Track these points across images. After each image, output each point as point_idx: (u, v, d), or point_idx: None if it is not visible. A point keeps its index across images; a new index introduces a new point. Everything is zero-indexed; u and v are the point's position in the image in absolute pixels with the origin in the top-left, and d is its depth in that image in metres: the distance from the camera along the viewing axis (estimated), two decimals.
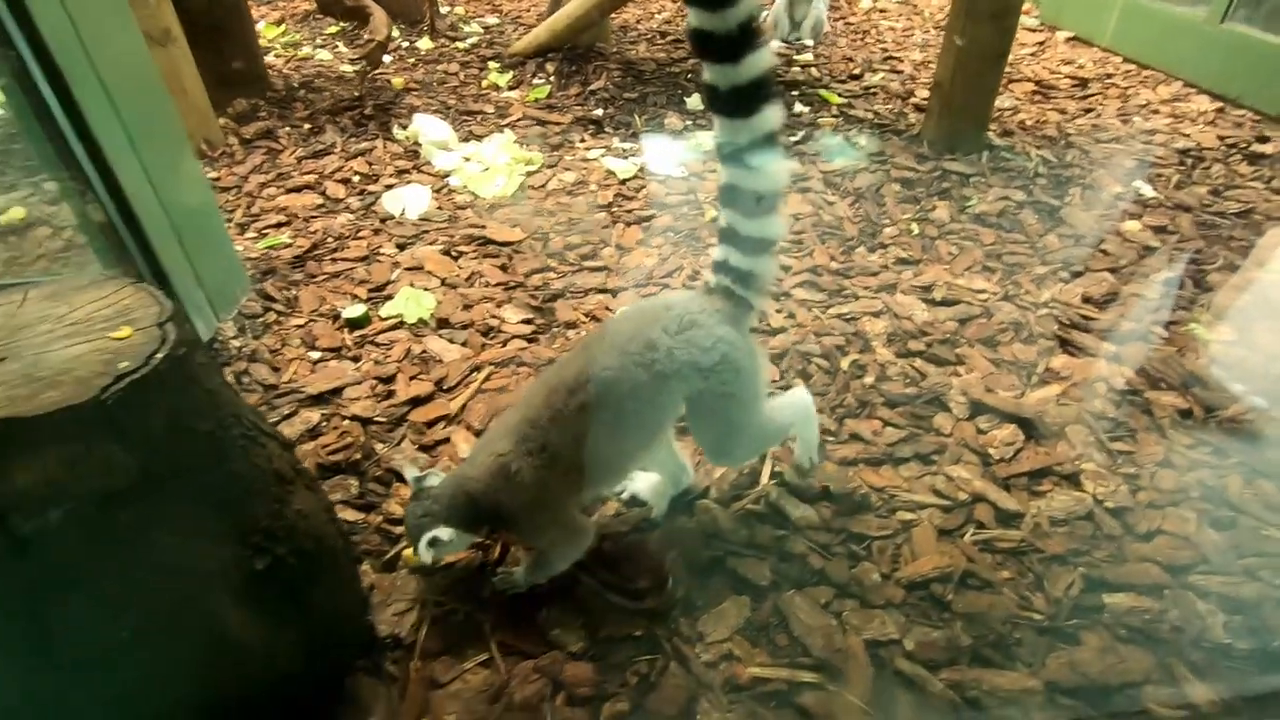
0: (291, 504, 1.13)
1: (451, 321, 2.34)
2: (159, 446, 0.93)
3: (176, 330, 0.97)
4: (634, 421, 1.34)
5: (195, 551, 0.99)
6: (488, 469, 1.31)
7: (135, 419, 0.90)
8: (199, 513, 1.00)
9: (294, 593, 1.13)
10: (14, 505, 0.85)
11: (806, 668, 1.31)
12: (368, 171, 3.38)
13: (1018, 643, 1.36)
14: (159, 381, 0.92)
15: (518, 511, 1.32)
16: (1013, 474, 1.74)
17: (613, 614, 1.41)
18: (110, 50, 1.82)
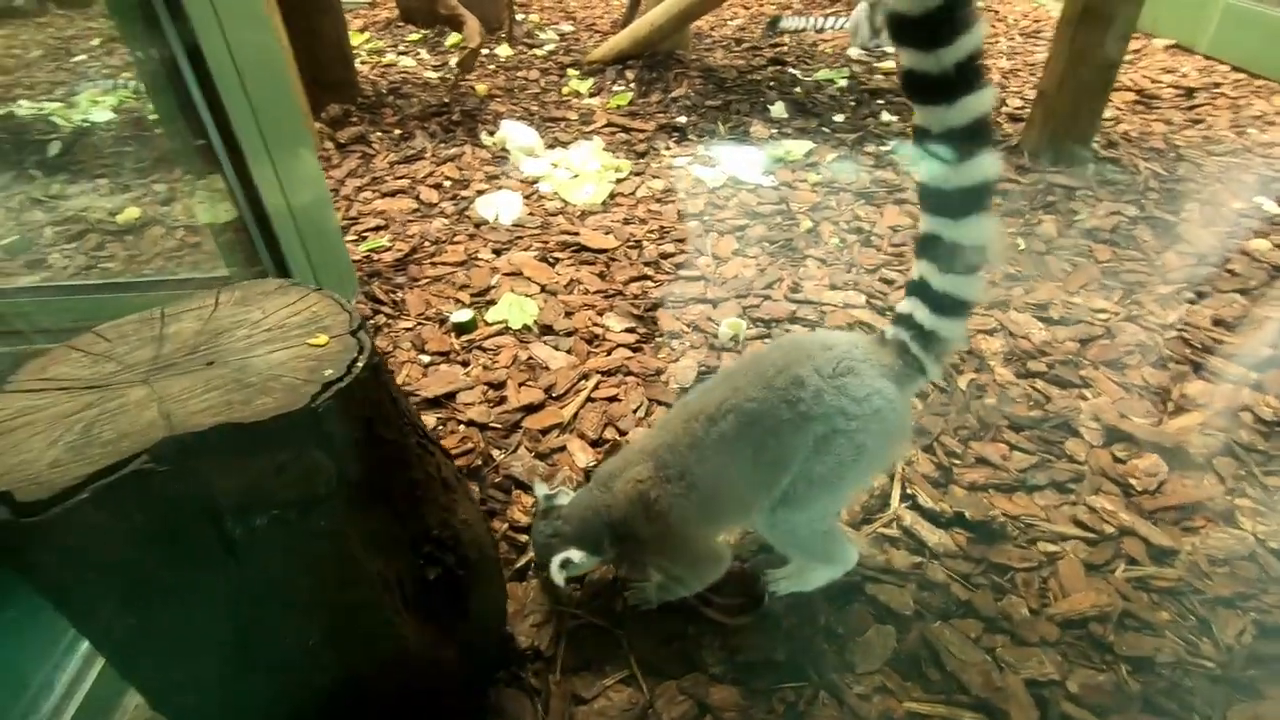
0: (457, 513, 1.13)
1: (555, 328, 2.34)
2: (354, 454, 0.93)
3: (368, 338, 0.97)
4: (769, 458, 1.23)
5: (378, 560, 1.00)
6: (624, 494, 1.27)
7: (338, 426, 0.90)
8: (382, 521, 1.00)
9: (457, 603, 1.13)
10: (227, 509, 0.85)
11: (966, 706, 1.25)
12: (458, 177, 3.43)
13: (1190, 691, 1.27)
14: (359, 389, 0.92)
15: (652, 538, 1.29)
16: (1159, 507, 1.65)
17: (751, 636, 1.38)
18: (251, 52, 1.88)
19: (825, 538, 1.33)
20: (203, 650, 0.93)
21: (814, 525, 1.29)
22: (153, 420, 0.84)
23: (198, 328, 1.01)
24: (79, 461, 0.79)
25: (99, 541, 0.79)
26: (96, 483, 0.77)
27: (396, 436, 1.01)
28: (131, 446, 0.80)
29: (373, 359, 0.95)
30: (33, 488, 0.76)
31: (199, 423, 0.83)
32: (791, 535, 1.30)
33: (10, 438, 0.83)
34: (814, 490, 1.23)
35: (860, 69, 4.67)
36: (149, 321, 1.03)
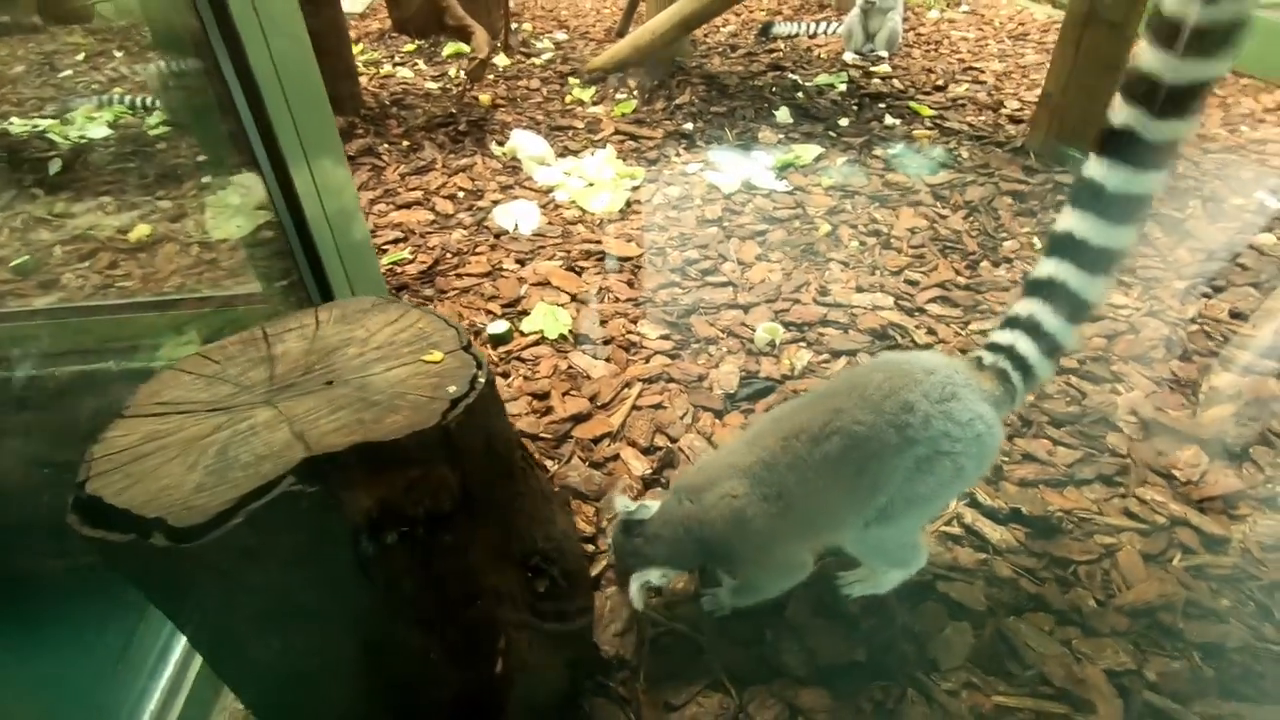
0: (557, 525, 1.14)
1: (591, 337, 2.35)
2: (476, 469, 0.94)
3: (480, 354, 0.98)
4: (870, 480, 1.24)
5: (495, 575, 1.00)
6: (717, 511, 1.26)
7: (463, 442, 0.91)
8: (496, 536, 1.01)
9: (562, 614, 1.13)
10: (361, 528, 0.86)
11: (1050, 698, 1.28)
12: (471, 187, 3.42)
13: (1261, 675, 1.31)
14: (481, 405, 0.92)
15: (743, 553, 1.30)
16: (1205, 496, 1.70)
17: (830, 639, 1.39)
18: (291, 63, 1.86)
19: (903, 549, 1.35)
20: (333, 671, 0.92)
21: (903, 539, 1.32)
22: (288, 441, 0.84)
23: (305, 347, 1.01)
24: (224, 485, 0.79)
25: (248, 565, 0.79)
26: (250, 505, 0.76)
27: (505, 451, 1.02)
28: (273, 469, 0.80)
29: (489, 374, 0.96)
30: (184, 513, 0.76)
31: (334, 443, 0.83)
32: (880, 548, 1.32)
33: (146, 463, 0.82)
34: (910, 508, 1.25)
35: (857, 73, 4.74)
36: (253, 342, 1.02)
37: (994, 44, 5.37)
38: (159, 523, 0.75)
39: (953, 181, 3.28)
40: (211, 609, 0.82)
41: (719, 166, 3.52)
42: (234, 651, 0.88)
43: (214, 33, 1.64)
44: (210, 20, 1.61)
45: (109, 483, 0.80)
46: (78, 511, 0.78)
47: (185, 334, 2.52)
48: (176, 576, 0.79)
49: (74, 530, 0.77)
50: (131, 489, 0.79)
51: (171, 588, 0.82)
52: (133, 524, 0.76)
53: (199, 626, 0.85)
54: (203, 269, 2.91)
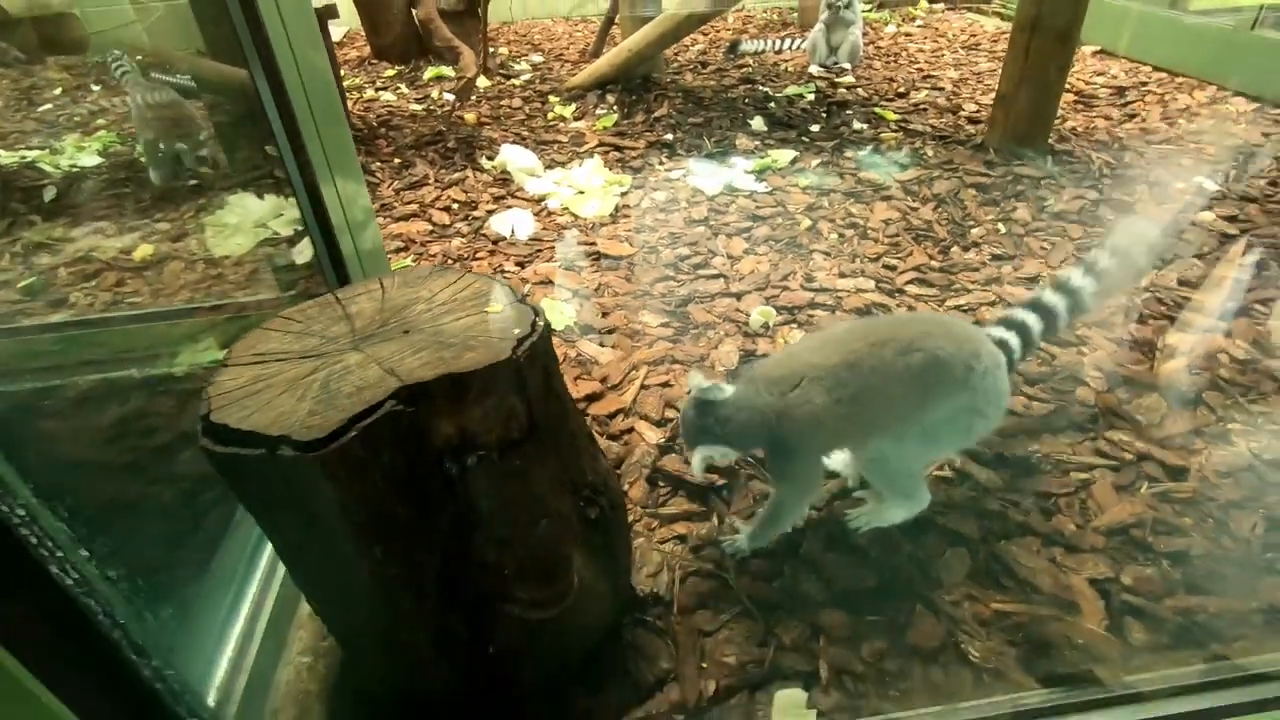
0: (600, 462, 1.27)
1: (595, 328, 2.49)
2: (538, 401, 1.07)
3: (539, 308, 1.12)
4: (922, 402, 1.41)
5: (556, 500, 1.13)
6: (797, 405, 1.36)
7: (530, 376, 1.04)
8: (554, 465, 1.14)
9: (609, 544, 1.26)
10: (445, 451, 0.98)
11: (1040, 604, 1.43)
12: (464, 199, 3.56)
13: (1223, 576, 1.48)
14: (542, 344, 1.06)
15: (795, 446, 1.39)
16: (1166, 435, 1.88)
17: (844, 569, 1.54)
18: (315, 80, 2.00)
19: (911, 478, 1.51)
20: (418, 586, 1.04)
21: (909, 464, 1.48)
22: (381, 376, 0.97)
23: (377, 306, 1.14)
24: (333, 410, 0.91)
25: (358, 476, 0.91)
26: (361, 422, 0.89)
27: (561, 391, 1.15)
28: (373, 395, 0.93)
29: (545, 321, 1.10)
30: (305, 430, 0.88)
31: (424, 375, 0.96)
32: (884, 466, 1.47)
33: (259, 398, 0.95)
34: (927, 440, 1.46)
35: (824, 84, 5.00)
36: (328, 305, 1.15)
37: (949, 54, 5.69)
38: (284, 439, 0.87)
39: (920, 177, 3.50)
40: (322, 517, 0.94)
41: (701, 172, 3.71)
42: (330, 563, 1.00)
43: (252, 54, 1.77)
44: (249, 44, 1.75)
45: (230, 413, 0.92)
46: (208, 435, 0.90)
47: (202, 341, 2.61)
48: (296, 486, 0.90)
49: (207, 450, 0.89)
50: (252, 416, 0.91)
51: (286, 499, 0.93)
52: (259, 442, 0.88)
53: (303, 537, 0.96)
54: (210, 283, 3.00)
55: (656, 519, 1.69)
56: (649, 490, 1.78)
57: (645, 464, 1.84)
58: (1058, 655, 1.33)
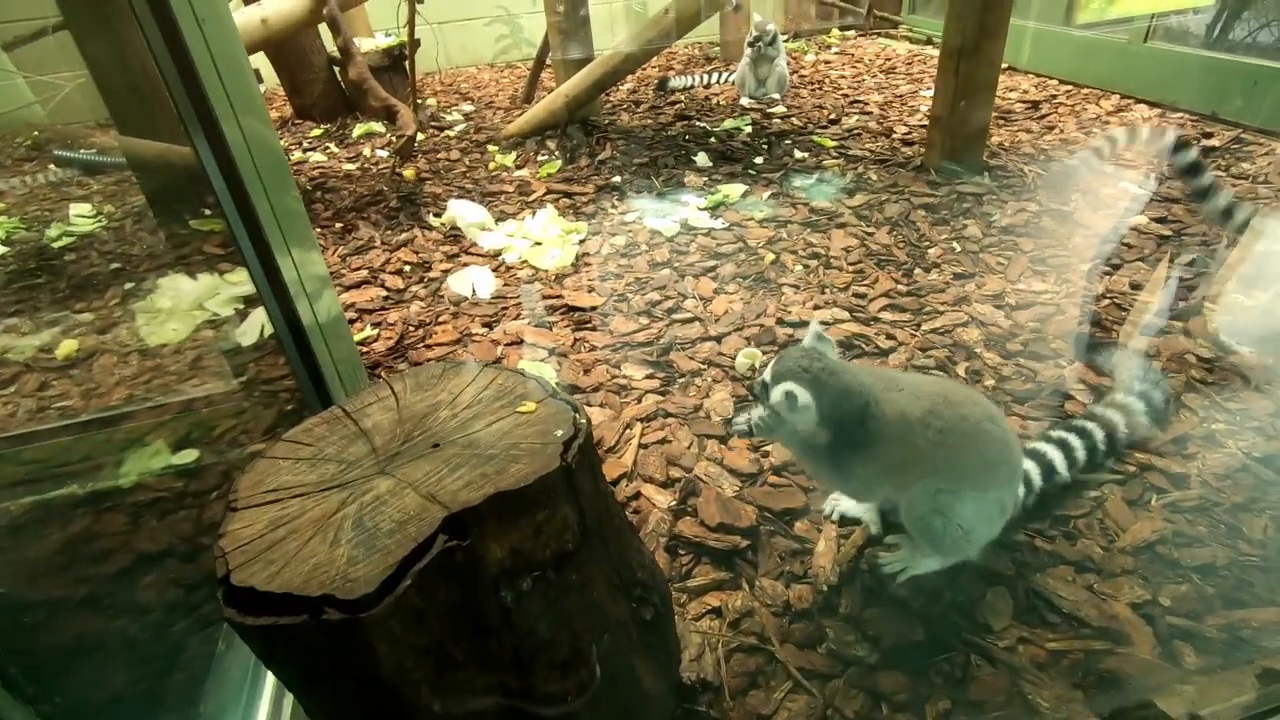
0: (645, 554, 1.18)
1: (580, 387, 2.40)
2: (590, 506, 0.98)
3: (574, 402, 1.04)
4: (981, 474, 1.45)
5: (614, 607, 1.03)
6: (893, 408, 1.36)
7: (580, 480, 0.95)
8: (607, 567, 1.05)
9: (664, 639, 1.17)
10: (500, 576, 0.88)
11: (1092, 637, 1.41)
12: (416, 260, 3.43)
13: (1250, 584, 1.50)
14: (587, 443, 0.98)
15: (872, 438, 1.36)
16: (1161, 444, 1.93)
17: (887, 624, 1.48)
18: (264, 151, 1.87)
19: (949, 536, 1.47)
20: None
21: (950, 521, 1.45)
22: (421, 504, 0.86)
23: (394, 418, 1.03)
24: (376, 554, 0.80)
25: (416, 627, 0.80)
26: (413, 566, 0.78)
27: (605, 486, 1.07)
28: (419, 530, 0.83)
29: (585, 416, 1.01)
30: (349, 585, 0.77)
31: (470, 498, 0.86)
32: (928, 519, 1.44)
33: (283, 548, 0.83)
34: (970, 507, 1.46)
35: (758, 115, 5.11)
36: (336, 421, 1.04)
37: (869, 79, 5.92)
38: (327, 599, 0.76)
39: (870, 202, 3.58)
40: (374, 679, 0.82)
41: (655, 212, 3.70)
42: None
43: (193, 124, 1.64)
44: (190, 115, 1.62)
45: (253, 572, 0.80)
46: (231, 605, 0.78)
47: (150, 445, 2.39)
48: (345, 651, 0.79)
49: (234, 623, 0.76)
50: (282, 573, 0.79)
51: (331, 666, 0.81)
52: (297, 606, 0.76)
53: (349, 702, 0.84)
54: (149, 377, 2.76)
55: (685, 592, 1.60)
56: (670, 560, 1.69)
57: (661, 532, 1.76)
58: (1121, 690, 1.31)
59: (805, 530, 1.75)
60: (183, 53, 1.53)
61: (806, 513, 1.80)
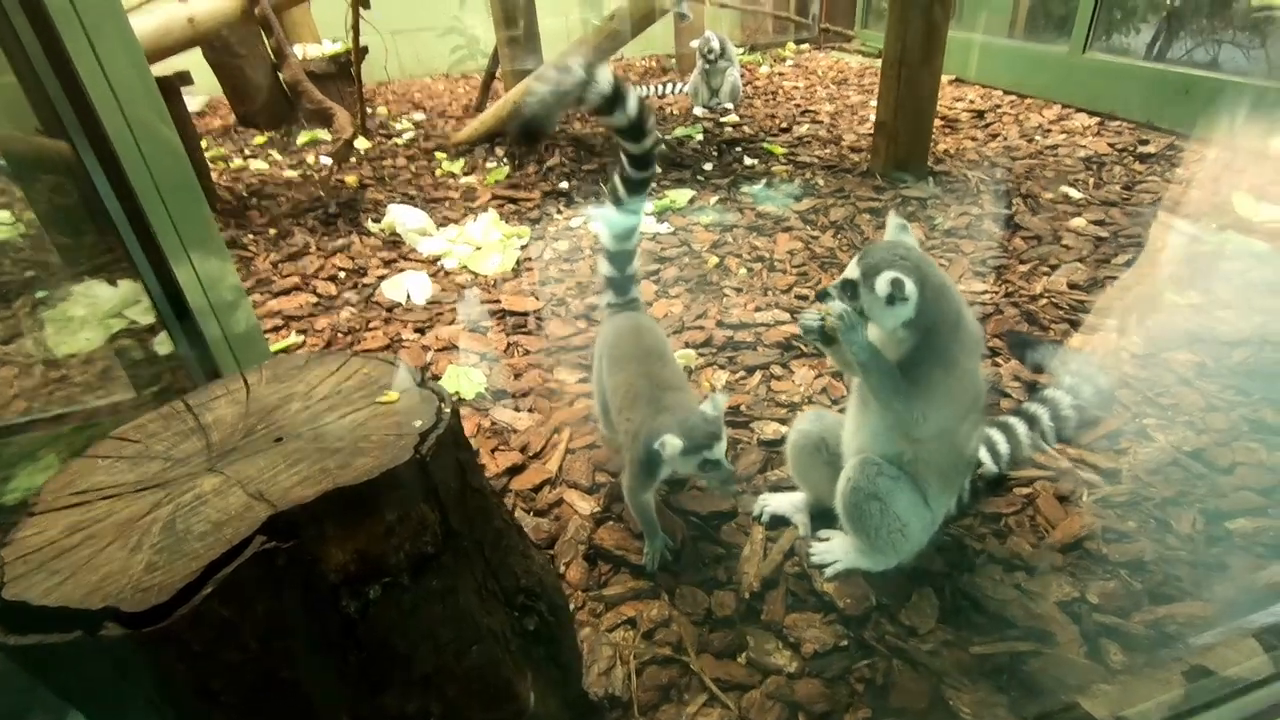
0: (534, 560, 1.09)
1: (509, 391, 2.31)
2: (454, 503, 0.89)
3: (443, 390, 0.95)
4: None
5: (487, 616, 0.94)
6: (954, 318, 1.30)
7: (440, 475, 0.86)
8: (481, 573, 0.95)
9: (555, 654, 1.08)
10: (340, 584, 0.79)
11: (1018, 638, 1.35)
12: (352, 266, 3.31)
13: (1178, 578, 1.46)
14: (450, 436, 0.89)
15: (922, 355, 1.29)
16: (1094, 438, 1.90)
17: (810, 630, 1.41)
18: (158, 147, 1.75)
19: (884, 529, 1.40)
20: None
21: (885, 512, 1.39)
22: (246, 503, 0.77)
23: (240, 411, 0.93)
24: (181, 559, 0.70)
25: (224, 643, 0.70)
26: (219, 572, 0.68)
27: (481, 484, 0.98)
28: (236, 532, 0.73)
29: (455, 409, 0.93)
30: (139, 595, 0.67)
31: (302, 495, 0.77)
32: (862, 505, 1.39)
33: (74, 555, 0.72)
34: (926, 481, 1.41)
35: (710, 124, 5.10)
36: (175, 416, 0.93)
37: (821, 90, 5.97)
38: (109, 612, 0.65)
39: (816, 206, 3.57)
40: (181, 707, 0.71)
41: (601, 218, 3.63)
42: None
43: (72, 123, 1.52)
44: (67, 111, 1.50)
45: (32, 584, 0.69)
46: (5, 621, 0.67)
47: (41, 460, 2.22)
48: (138, 673, 0.68)
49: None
50: (64, 585, 0.68)
51: (123, 693, 0.70)
52: (73, 621, 0.66)
53: None
54: (51, 388, 2.59)
55: (600, 602, 1.51)
56: (588, 570, 1.60)
57: (581, 539, 1.67)
58: (1047, 694, 1.25)
59: (732, 534, 1.67)
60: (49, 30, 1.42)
61: (734, 516, 1.72)
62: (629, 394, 1.52)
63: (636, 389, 1.52)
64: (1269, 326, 2.36)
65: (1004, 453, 1.75)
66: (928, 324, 1.26)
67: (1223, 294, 2.59)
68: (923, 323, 1.26)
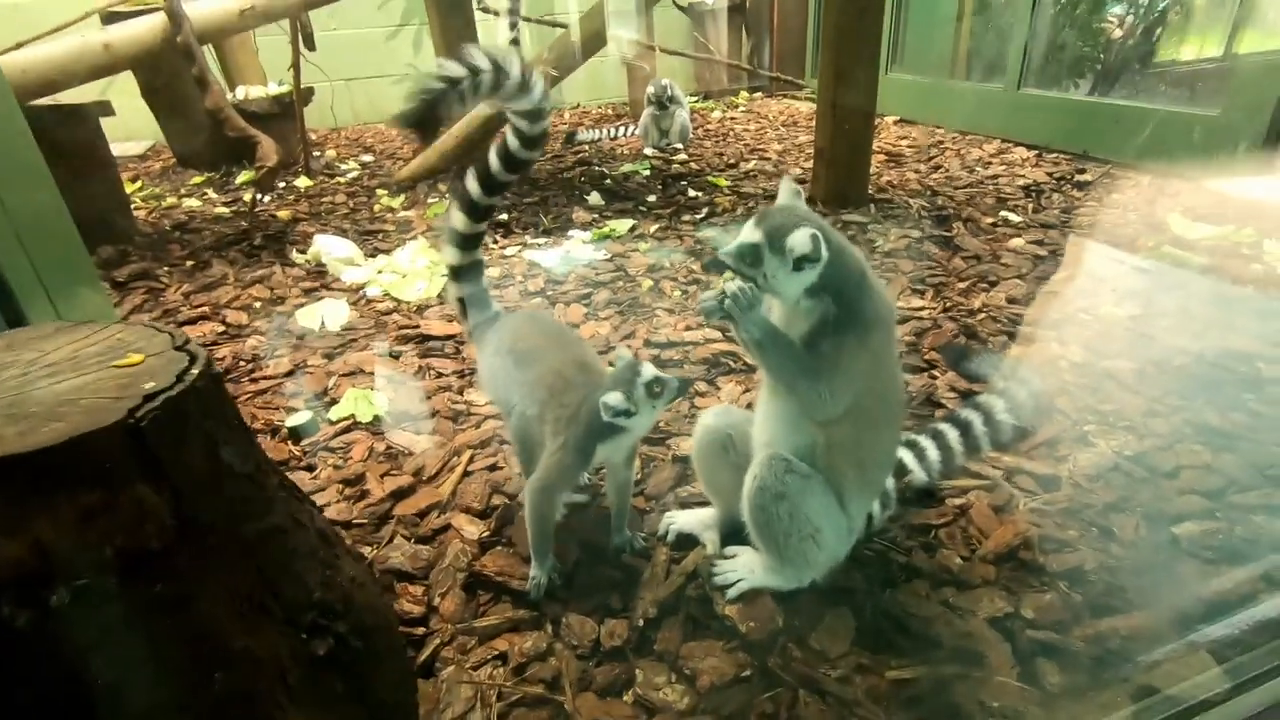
0: (343, 570, 0.90)
1: (412, 414, 2.12)
2: (198, 492, 0.71)
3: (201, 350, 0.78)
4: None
5: (246, 636, 0.74)
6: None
7: (171, 453, 0.69)
8: (247, 582, 0.76)
9: (362, 688, 0.87)
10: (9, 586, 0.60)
11: (942, 661, 1.17)
12: (270, 296, 3.14)
13: (1122, 589, 1.31)
14: (196, 404, 0.71)
15: (827, 327, 1.16)
16: (1032, 446, 1.77)
17: (708, 659, 1.22)
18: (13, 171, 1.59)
19: (794, 535, 1.23)
20: None
21: (796, 514, 1.22)
22: None
23: None
24: None
25: None
26: None
27: (252, 470, 0.80)
28: None
29: (211, 368, 0.76)
30: None
31: None
32: (767, 508, 1.23)
33: None
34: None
35: (659, 162, 5.09)
36: None
37: (771, 132, 6.05)
38: None
39: None
40: None
41: (537, 246, 3.52)
42: None
43: None
44: None
45: None
46: None
47: None
48: None
49: None
50: None
51: None
52: None
53: None
54: None
55: (471, 635, 1.30)
56: (465, 600, 1.40)
57: (460, 566, 1.46)
58: None
59: (634, 558, 1.49)
60: None
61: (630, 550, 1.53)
62: (558, 381, 1.38)
63: (568, 377, 1.39)
64: (1207, 334, 2.29)
65: (934, 460, 1.60)
66: (834, 288, 1.13)
67: (1162, 305, 2.53)
68: (829, 287, 1.12)
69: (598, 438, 1.30)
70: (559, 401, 1.35)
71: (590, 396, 1.31)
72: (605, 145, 5.91)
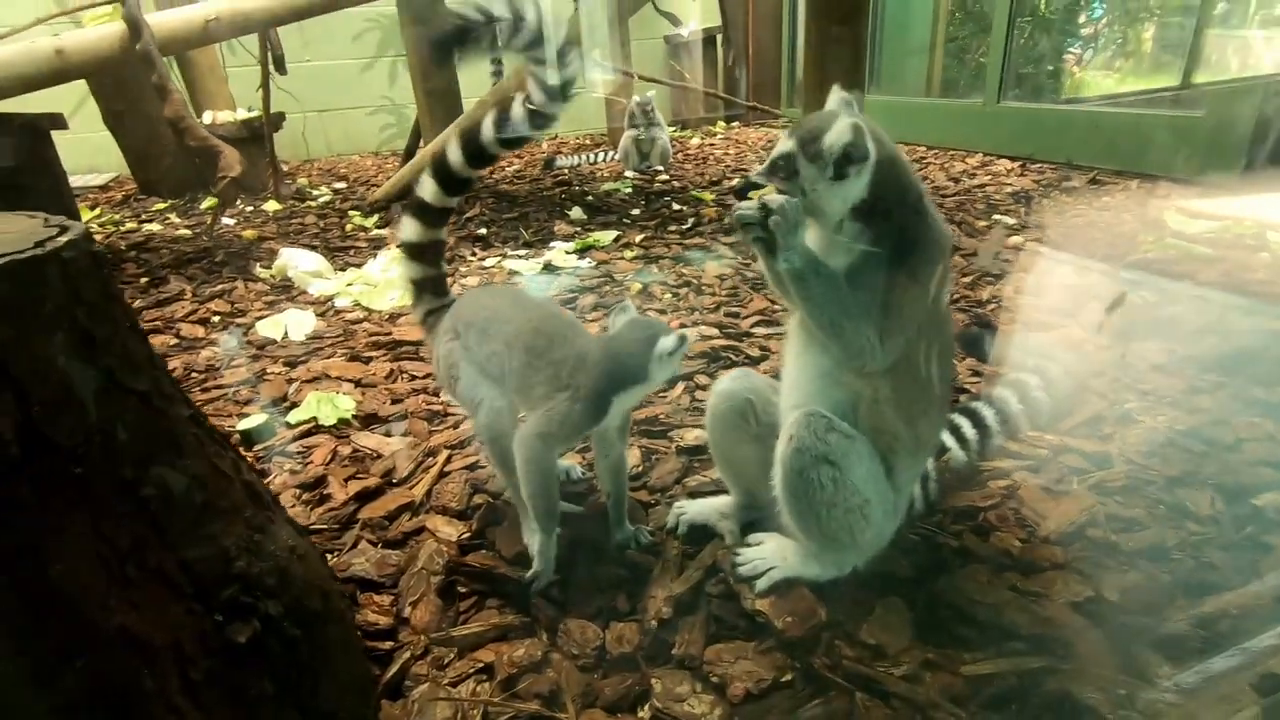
0: (276, 538, 0.68)
1: (381, 415, 1.90)
2: (60, 400, 0.51)
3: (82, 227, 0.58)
4: None
5: (128, 610, 0.53)
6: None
7: (14, 333, 0.48)
8: (130, 539, 0.55)
9: (299, 690, 0.65)
10: None
11: (1025, 652, 0.97)
12: (229, 310, 2.92)
13: (1212, 565, 1.12)
14: (63, 279, 0.52)
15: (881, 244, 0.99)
16: (1073, 425, 1.60)
17: (740, 663, 1.00)
18: None
19: (838, 510, 1.03)
20: None
21: (841, 482, 1.03)
22: None
23: None
24: None
25: None
26: None
27: (149, 387, 0.59)
28: None
29: (88, 244, 0.56)
30: None
31: None
32: (807, 473, 1.03)
33: None
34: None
35: (641, 182, 5.00)
36: None
37: (751, 155, 6.02)
38: None
39: None
40: None
41: (518, 257, 3.36)
42: None
43: None
44: None
45: None
46: None
47: None
48: None
49: None
50: None
51: None
52: None
53: None
54: None
55: (451, 647, 1.07)
56: (441, 608, 1.17)
57: (435, 569, 1.24)
58: None
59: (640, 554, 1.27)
60: None
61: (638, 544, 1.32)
62: (538, 338, 1.20)
63: (549, 331, 1.22)
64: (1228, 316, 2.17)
65: (971, 439, 1.42)
66: (885, 207, 0.96)
67: (1175, 291, 2.42)
68: (879, 206, 0.95)
69: (618, 387, 1.11)
70: (548, 359, 1.16)
71: (608, 344, 1.17)
72: (585, 169, 5.83)
